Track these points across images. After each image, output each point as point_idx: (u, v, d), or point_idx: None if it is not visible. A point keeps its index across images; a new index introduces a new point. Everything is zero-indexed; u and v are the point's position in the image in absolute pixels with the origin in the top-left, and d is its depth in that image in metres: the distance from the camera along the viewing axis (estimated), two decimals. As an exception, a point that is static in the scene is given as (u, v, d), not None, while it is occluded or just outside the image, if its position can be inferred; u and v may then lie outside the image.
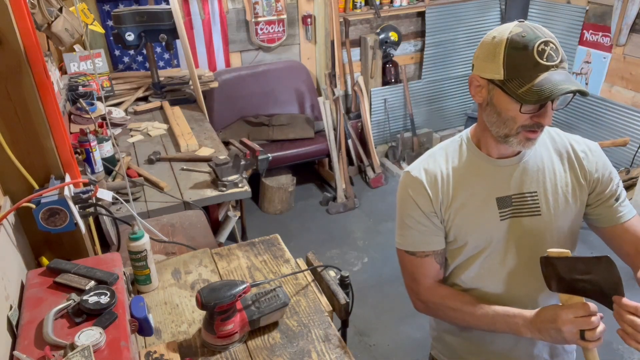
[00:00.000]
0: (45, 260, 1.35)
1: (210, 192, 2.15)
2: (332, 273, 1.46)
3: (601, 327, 0.98)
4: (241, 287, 1.22)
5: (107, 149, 2.25)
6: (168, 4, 2.89)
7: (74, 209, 1.27)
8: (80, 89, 2.86)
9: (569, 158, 1.20)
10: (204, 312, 1.27)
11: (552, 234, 1.18)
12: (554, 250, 1.02)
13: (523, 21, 1.05)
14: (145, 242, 1.36)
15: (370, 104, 4.19)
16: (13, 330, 1.04)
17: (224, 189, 2.15)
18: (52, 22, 2.12)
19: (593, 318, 0.98)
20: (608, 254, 1.00)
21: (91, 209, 1.36)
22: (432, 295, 1.24)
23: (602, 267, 0.96)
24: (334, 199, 3.84)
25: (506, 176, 1.17)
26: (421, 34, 4.28)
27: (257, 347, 1.24)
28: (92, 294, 1.05)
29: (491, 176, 1.18)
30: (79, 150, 2.10)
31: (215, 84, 3.40)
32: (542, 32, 1.03)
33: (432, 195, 1.18)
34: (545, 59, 1.01)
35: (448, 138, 1.29)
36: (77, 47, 3.15)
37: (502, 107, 1.07)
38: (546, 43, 1.01)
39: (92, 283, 1.09)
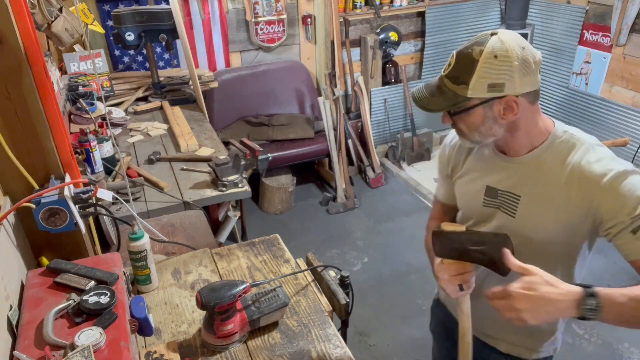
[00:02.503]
0: (45, 260, 1.35)
1: (210, 192, 2.15)
2: (332, 273, 1.46)
3: (473, 278, 1.12)
4: (241, 287, 1.22)
5: (107, 149, 2.25)
6: (168, 4, 2.89)
7: (74, 209, 1.27)
8: (80, 89, 2.86)
9: (579, 179, 1.09)
10: (204, 312, 1.27)
11: (522, 241, 1.15)
12: (448, 225, 1.12)
13: (496, 32, 1.07)
14: (145, 242, 1.36)
15: (370, 104, 4.19)
16: (13, 330, 1.04)
17: (224, 189, 2.15)
18: (52, 22, 2.12)
19: (466, 275, 1.11)
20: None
21: (91, 209, 1.36)
22: (428, 227, 1.46)
23: (498, 242, 1.05)
24: (334, 199, 3.84)
25: (502, 171, 1.21)
26: (421, 34, 4.28)
27: (257, 347, 1.24)
28: (92, 294, 1.05)
29: (492, 166, 1.23)
30: (79, 150, 2.10)
31: (215, 84, 3.40)
32: (477, 43, 1.05)
33: (448, 159, 1.36)
34: (443, 68, 1.12)
35: (448, 138, 1.39)
36: (77, 47, 3.15)
37: None
38: (455, 55, 1.09)
39: (92, 283, 1.09)
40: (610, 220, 1.05)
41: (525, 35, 3.92)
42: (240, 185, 2.18)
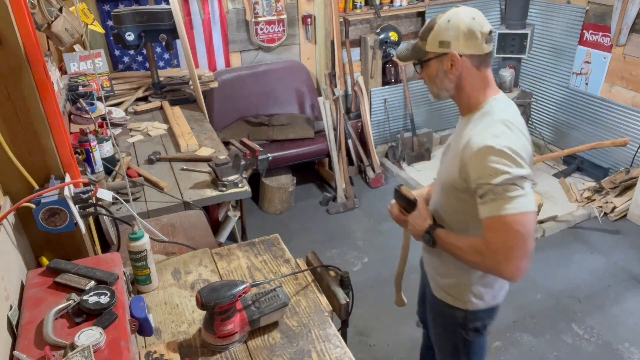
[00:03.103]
0: (45, 260, 1.35)
1: (210, 192, 2.15)
2: (332, 273, 1.46)
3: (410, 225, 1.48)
4: (241, 287, 1.22)
5: (107, 149, 2.25)
6: (168, 4, 2.89)
7: (74, 209, 1.27)
8: (80, 89, 2.86)
9: (468, 143, 1.31)
10: (204, 312, 1.27)
11: (439, 188, 1.46)
12: (404, 189, 1.51)
13: (459, 6, 1.34)
14: (145, 242, 1.36)
15: (370, 104, 4.19)
16: (13, 330, 1.04)
17: (224, 189, 2.15)
18: (52, 22, 2.12)
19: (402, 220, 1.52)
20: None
21: (91, 209, 1.36)
22: None
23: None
24: (334, 199, 3.84)
25: (456, 129, 1.46)
26: (421, 34, 4.28)
27: (257, 347, 1.25)
28: (92, 294, 1.05)
29: (458, 125, 1.47)
30: (79, 150, 2.10)
31: (215, 84, 3.40)
32: (443, 12, 1.32)
33: None
34: None
35: (448, 138, 1.51)
36: (77, 47, 3.15)
37: None
38: (428, 20, 1.35)
39: (92, 283, 1.09)
40: (470, 183, 1.29)
41: (525, 35, 3.92)
42: (240, 185, 2.18)
